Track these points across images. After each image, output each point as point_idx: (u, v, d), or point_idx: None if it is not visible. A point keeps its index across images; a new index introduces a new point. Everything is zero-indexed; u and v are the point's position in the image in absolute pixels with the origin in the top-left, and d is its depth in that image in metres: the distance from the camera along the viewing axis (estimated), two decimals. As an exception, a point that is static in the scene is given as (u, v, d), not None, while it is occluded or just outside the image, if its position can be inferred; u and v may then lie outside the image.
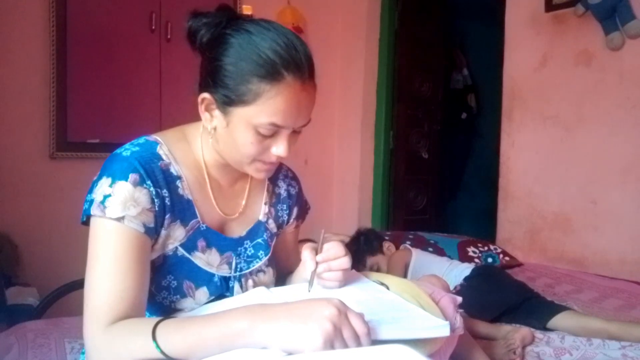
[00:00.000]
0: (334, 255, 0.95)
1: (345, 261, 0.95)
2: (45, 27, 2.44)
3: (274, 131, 0.87)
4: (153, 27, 2.70)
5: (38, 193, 2.45)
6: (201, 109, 0.91)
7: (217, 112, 0.89)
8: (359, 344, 0.70)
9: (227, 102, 0.86)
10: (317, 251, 0.96)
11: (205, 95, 0.88)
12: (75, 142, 2.52)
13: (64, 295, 1.77)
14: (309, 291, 0.94)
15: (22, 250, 2.33)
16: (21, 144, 2.42)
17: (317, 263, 0.94)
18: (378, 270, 2.10)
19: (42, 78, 2.44)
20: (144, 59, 2.70)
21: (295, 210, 1.14)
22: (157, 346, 0.73)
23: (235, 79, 0.84)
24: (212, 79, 0.87)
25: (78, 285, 1.70)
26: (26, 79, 2.43)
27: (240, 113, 0.86)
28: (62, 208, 2.42)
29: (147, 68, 2.71)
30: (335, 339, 0.69)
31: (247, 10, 2.84)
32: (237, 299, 0.94)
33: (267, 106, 0.84)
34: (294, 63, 0.84)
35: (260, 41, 0.84)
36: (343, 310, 0.71)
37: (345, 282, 0.99)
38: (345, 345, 0.69)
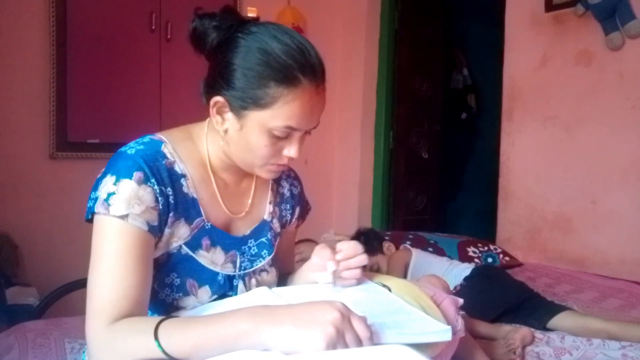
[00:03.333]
0: (353, 253, 0.97)
1: (363, 258, 0.97)
2: (45, 28, 2.44)
3: (288, 133, 0.88)
4: (153, 27, 2.70)
5: (38, 193, 2.46)
6: (212, 111, 0.90)
7: (229, 115, 0.89)
8: (361, 347, 0.70)
9: (242, 105, 0.86)
10: (332, 250, 0.98)
11: (218, 98, 0.88)
12: (75, 142, 2.53)
13: (64, 295, 1.77)
14: (333, 286, 0.96)
15: (22, 250, 2.33)
16: (21, 144, 2.43)
17: (338, 262, 0.95)
18: (378, 270, 2.10)
19: (42, 78, 2.45)
20: (144, 59, 2.70)
21: (297, 210, 1.15)
22: (159, 345, 0.73)
23: (251, 83, 0.85)
24: (226, 82, 0.87)
25: (78, 285, 1.70)
26: (26, 79, 2.43)
27: (255, 116, 0.86)
28: (62, 208, 2.42)
29: (147, 68, 2.71)
30: (337, 343, 0.69)
31: (252, 12, 2.84)
32: (239, 299, 0.95)
33: (283, 110, 0.85)
34: (309, 67, 0.85)
35: (275, 45, 0.84)
36: (346, 314, 0.71)
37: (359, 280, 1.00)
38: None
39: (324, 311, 0.71)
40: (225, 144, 0.93)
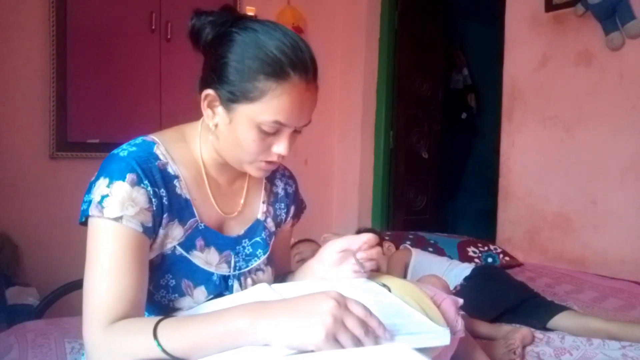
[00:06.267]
0: (375, 242, 0.98)
1: (379, 249, 1.00)
2: (45, 27, 2.44)
3: (277, 129, 0.88)
4: (153, 27, 2.70)
5: (38, 193, 2.45)
6: (204, 105, 0.91)
7: (220, 109, 0.89)
8: (365, 327, 0.71)
9: (232, 98, 0.86)
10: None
11: (209, 91, 0.89)
12: (75, 142, 2.52)
13: (64, 295, 1.77)
14: (365, 276, 0.99)
15: (22, 250, 2.33)
16: (21, 144, 2.43)
17: (364, 252, 0.98)
18: (378, 270, 2.09)
19: (42, 78, 2.44)
20: (144, 59, 2.70)
21: (292, 209, 1.15)
22: (159, 344, 0.73)
23: (241, 76, 0.85)
24: (217, 75, 0.87)
25: (78, 285, 1.69)
26: (26, 79, 2.43)
27: (244, 110, 0.86)
28: (62, 208, 2.41)
29: (147, 68, 2.71)
30: (337, 331, 0.69)
31: (250, 10, 2.84)
32: (238, 296, 0.95)
33: (272, 104, 0.85)
34: (300, 63, 0.85)
35: (267, 40, 0.85)
36: (342, 302, 0.72)
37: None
38: (351, 334, 0.70)
39: (320, 301, 0.72)
40: (214, 138, 0.93)
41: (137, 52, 2.68)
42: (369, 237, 0.98)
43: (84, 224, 0.86)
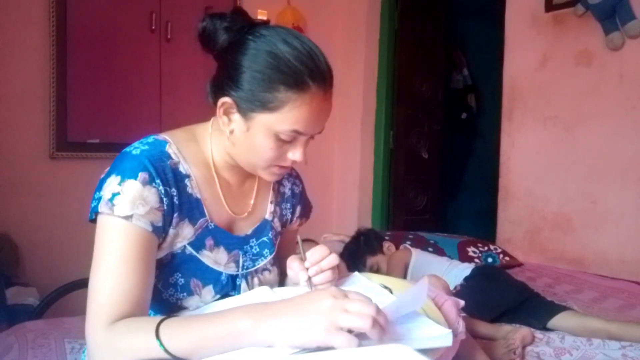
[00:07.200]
0: (320, 256, 0.94)
1: (334, 258, 0.94)
2: (45, 27, 2.44)
3: (294, 137, 0.88)
4: (153, 27, 2.70)
5: (38, 193, 2.45)
6: (219, 112, 0.91)
7: (236, 117, 0.89)
8: (367, 310, 0.70)
9: (250, 107, 0.87)
10: (300, 260, 0.95)
11: (226, 99, 0.89)
12: (75, 142, 2.52)
13: (64, 295, 1.77)
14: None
15: (22, 250, 2.33)
16: (21, 144, 2.42)
17: (307, 269, 0.93)
18: (378, 270, 2.10)
19: (42, 78, 2.44)
20: (144, 59, 2.70)
21: (298, 209, 1.15)
22: (161, 344, 0.74)
23: (261, 87, 0.85)
24: (234, 83, 0.87)
25: (78, 285, 1.70)
26: (26, 79, 2.42)
27: (262, 119, 0.86)
28: (62, 208, 2.42)
29: (147, 68, 2.71)
30: (339, 320, 0.69)
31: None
32: (240, 298, 0.95)
33: (291, 114, 0.85)
34: (319, 73, 0.86)
35: (285, 49, 0.85)
36: (340, 296, 0.72)
37: (340, 281, 0.99)
38: (355, 314, 0.69)
39: (318, 299, 0.72)
40: (230, 144, 0.93)
41: (137, 52, 2.68)
42: (312, 254, 0.93)
43: (94, 221, 0.86)
